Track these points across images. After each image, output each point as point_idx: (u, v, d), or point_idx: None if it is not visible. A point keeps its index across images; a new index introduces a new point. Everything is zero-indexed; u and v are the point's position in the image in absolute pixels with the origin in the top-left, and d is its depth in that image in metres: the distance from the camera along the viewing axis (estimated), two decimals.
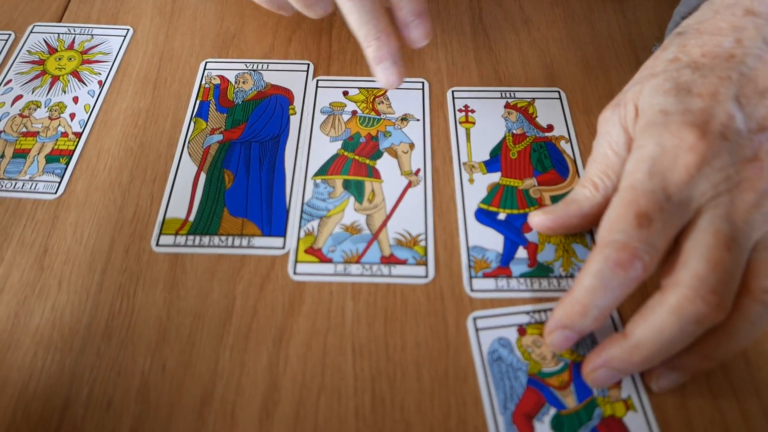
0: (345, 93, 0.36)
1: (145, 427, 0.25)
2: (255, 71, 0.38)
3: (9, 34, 0.40)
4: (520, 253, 0.30)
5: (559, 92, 0.36)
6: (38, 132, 0.35)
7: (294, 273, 0.29)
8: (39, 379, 0.26)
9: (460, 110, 0.36)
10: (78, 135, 0.35)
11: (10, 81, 0.37)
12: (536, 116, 0.35)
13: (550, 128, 0.35)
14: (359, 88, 0.36)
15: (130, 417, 0.25)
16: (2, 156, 0.34)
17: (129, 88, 0.37)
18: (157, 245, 0.30)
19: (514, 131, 0.35)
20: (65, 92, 0.37)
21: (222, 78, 0.37)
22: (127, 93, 0.37)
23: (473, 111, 0.35)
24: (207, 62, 0.38)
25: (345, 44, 0.39)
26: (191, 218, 0.31)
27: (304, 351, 0.27)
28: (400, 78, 0.32)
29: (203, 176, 0.33)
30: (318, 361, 0.27)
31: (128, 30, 0.40)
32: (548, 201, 0.32)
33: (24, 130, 0.35)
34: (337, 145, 0.34)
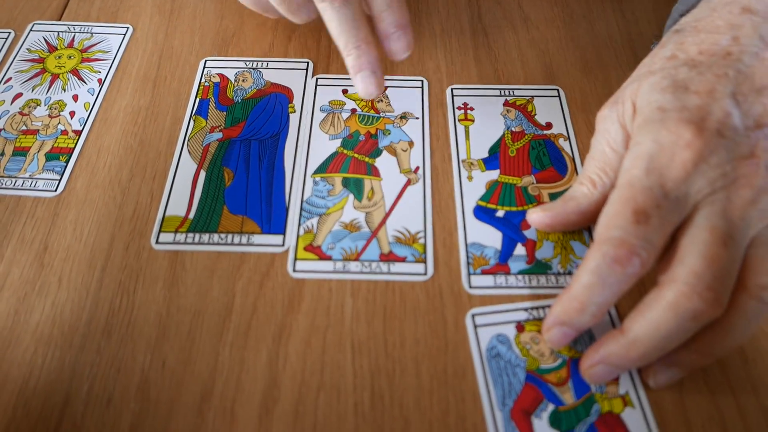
0: (344, 91, 0.36)
1: (145, 424, 0.25)
2: (254, 69, 0.38)
3: (9, 33, 0.40)
4: (519, 250, 0.30)
5: (558, 90, 0.36)
6: (38, 130, 0.35)
7: (293, 270, 0.29)
8: (39, 376, 0.26)
9: (460, 108, 0.36)
10: (78, 133, 0.35)
11: (10, 79, 0.37)
12: (535, 114, 0.35)
13: (549, 126, 0.35)
14: None
15: (130, 414, 0.25)
16: (2, 154, 0.34)
17: (129, 86, 0.37)
18: (157, 243, 0.30)
19: (513, 129, 0.35)
20: (65, 90, 0.37)
21: (222, 76, 0.37)
22: (127, 91, 0.37)
23: (472, 109, 0.36)
24: (206, 60, 0.38)
25: None
26: (191, 216, 0.31)
27: (304, 348, 0.27)
28: (379, 88, 0.32)
29: (203, 174, 0.33)
30: (317, 358, 0.27)
31: (128, 28, 0.40)
32: (547, 198, 0.32)
33: (24, 128, 0.35)
34: (337, 143, 0.34)
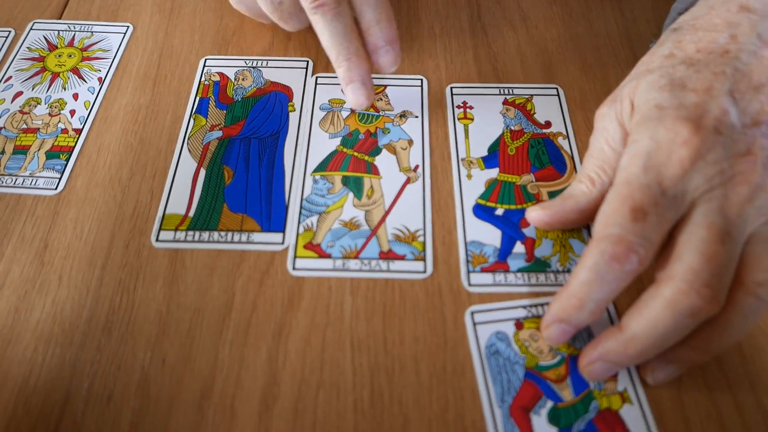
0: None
1: (145, 421, 0.25)
2: (254, 68, 0.38)
3: (9, 31, 0.40)
4: (518, 248, 0.30)
5: (557, 89, 0.36)
6: (38, 128, 0.35)
7: (293, 268, 0.29)
8: (39, 374, 0.26)
9: (459, 106, 0.36)
10: (78, 131, 0.35)
11: (11, 78, 0.37)
12: (534, 113, 0.35)
13: (548, 125, 0.35)
14: None
15: (130, 411, 0.26)
16: (2, 152, 0.34)
17: (129, 85, 0.37)
18: (157, 241, 0.30)
19: (512, 127, 0.35)
20: (65, 89, 0.37)
21: (221, 75, 0.37)
22: (127, 90, 0.37)
23: (471, 107, 0.36)
24: (206, 59, 0.38)
25: None
26: (191, 214, 0.31)
27: (303, 346, 0.27)
28: (369, 99, 0.33)
29: (203, 172, 0.33)
30: (317, 356, 0.27)
31: (128, 27, 0.40)
32: (546, 197, 0.32)
33: (24, 127, 0.35)
34: (336, 142, 0.34)
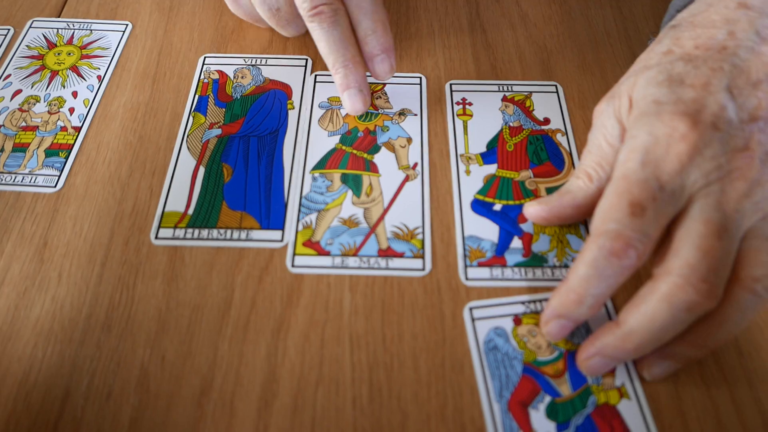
0: None
1: (145, 417, 0.25)
2: (253, 66, 0.38)
3: (8, 29, 0.40)
4: (515, 243, 0.30)
5: (556, 86, 0.36)
6: (37, 126, 0.35)
7: (292, 265, 0.29)
8: (39, 370, 0.27)
9: (458, 103, 0.36)
10: (77, 129, 0.35)
11: (10, 75, 0.37)
12: (533, 109, 0.35)
13: (547, 121, 0.35)
14: None
15: (130, 407, 0.26)
16: (2, 150, 0.34)
17: (128, 83, 0.37)
18: (157, 238, 0.30)
19: (511, 124, 0.35)
20: (64, 87, 0.37)
21: (221, 73, 0.37)
22: (126, 87, 0.37)
23: (471, 104, 0.36)
24: (206, 57, 0.38)
25: None
26: (190, 211, 0.31)
27: (302, 342, 0.27)
28: (366, 105, 0.34)
29: (202, 170, 0.33)
30: (316, 352, 0.27)
31: (127, 25, 0.40)
32: (544, 192, 0.32)
33: (23, 125, 0.35)
34: (335, 140, 0.34)
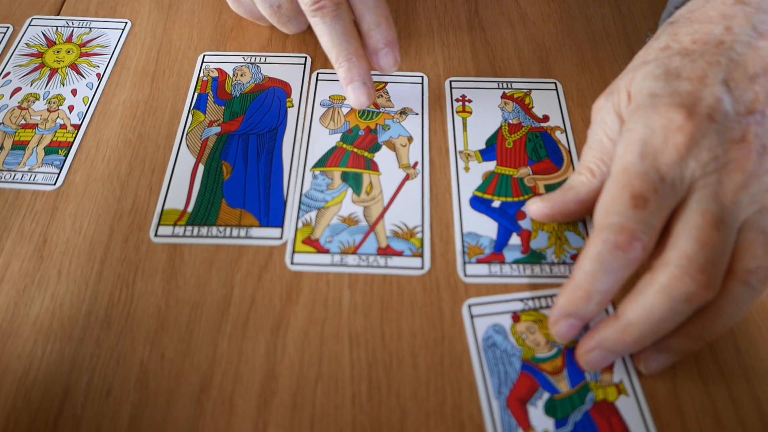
0: None
1: (145, 415, 0.25)
2: (253, 64, 0.38)
3: (7, 27, 0.40)
4: (514, 240, 0.30)
5: (556, 83, 0.36)
6: (37, 124, 0.35)
7: (291, 263, 0.29)
8: (39, 368, 0.27)
9: (458, 100, 0.36)
10: (77, 127, 0.35)
11: (9, 73, 0.37)
12: (532, 107, 0.35)
13: (546, 119, 0.35)
14: None
15: (130, 404, 0.26)
16: (1, 148, 0.34)
17: (127, 81, 0.37)
18: (156, 236, 0.30)
19: (510, 121, 0.35)
20: (64, 85, 0.37)
21: (220, 71, 0.37)
22: (126, 85, 0.37)
23: (470, 101, 0.36)
24: (205, 55, 0.38)
25: None
26: (189, 209, 0.31)
27: (302, 340, 0.27)
28: (370, 98, 0.33)
29: (201, 168, 0.33)
30: (315, 350, 0.27)
31: (126, 23, 0.40)
32: (542, 190, 0.32)
33: (23, 122, 0.35)
34: (336, 138, 0.34)
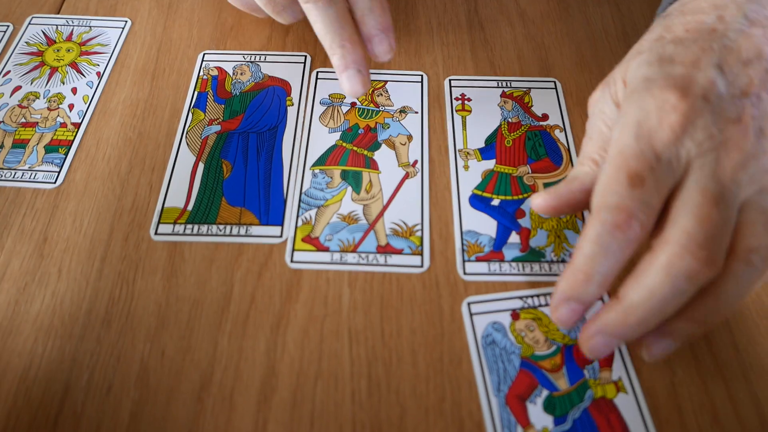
0: None
1: (145, 412, 0.25)
2: (252, 63, 0.38)
3: (7, 26, 0.40)
4: (513, 238, 0.30)
5: (555, 82, 0.37)
6: (37, 123, 0.35)
7: (291, 261, 0.30)
8: (39, 365, 0.27)
9: (457, 98, 0.36)
10: (77, 125, 0.35)
11: (9, 72, 0.37)
12: (531, 105, 0.36)
13: (545, 117, 0.35)
14: None
15: (130, 402, 0.26)
16: (1, 146, 0.34)
17: (127, 79, 0.37)
18: (156, 234, 0.30)
19: (510, 120, 0.35)
20: (64, 83, 0.37)
21: (220, 69, 0.37)
22: (126, 84, 0.37)
23: (470, 100, 0.36)
24: (205, 54, 0.38)
25: None
26: (189, 207, 0.31)
27: (302, 337, 0.27)
28: (365, 86, 0.32)
29: (201, 166, 0.33)
30: (315, 347, 0.27)
31: (126, 22, 0.40)
32: (541, 188, 0.32)
33: (23, 121, 0.35)
34: (336, 136, 0.34)
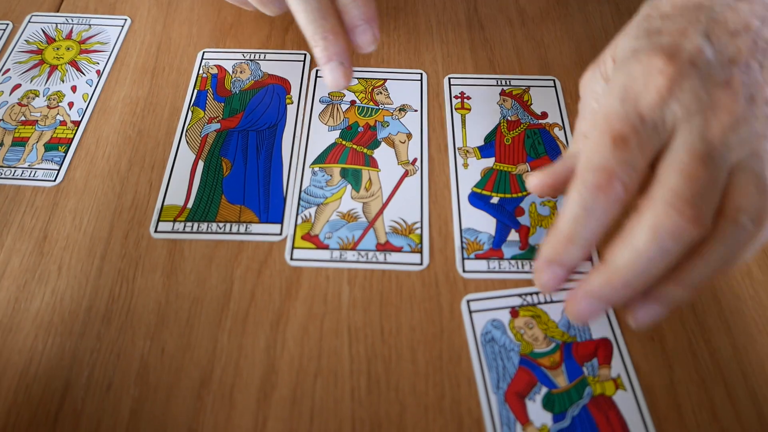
0: None
1: (145, 409, 0.26)
2: (252, 61, 0.38)
3: (7, 24, 0.40)
4: (512, 236, 0.30)
5: (554, 80, 0.37)
6: (37, 121, 0.35)
7: (291, 259, 0.30)
8: (40, 362, 0.27)
9: (456, 97, 0.36)
10: (76, 123, 0.35)
11: (9, 70, 0.37)
12: (531, 104, 0.36)
13: (545, 115, 0.35)
14: (358, 79, 0.37)
15: (130, 399, 0.26)
16: (1, 144, 0.34)
17: (127, 78, 0.37)
18: (156, 231, 0.31)
19: (509, 118, 0.35)
20: (63, 81, 0.37)
21: (219, 68, 0.37)
22: (126, 82, 0.37)
23: (469, 98, 0.36)
24: (204, 52, 0.38)
25: None
26: (189, 205, 0.31)
27: (301, 334, 0.27)
28: (347, 79, 0.31)
29: (201, 164, 0.33)
30: (315, 345, 0.27)
31: (126, 20, 0.40)
32: None
33: (23, 119, 0.35)
34: (336, 134, 0.34)
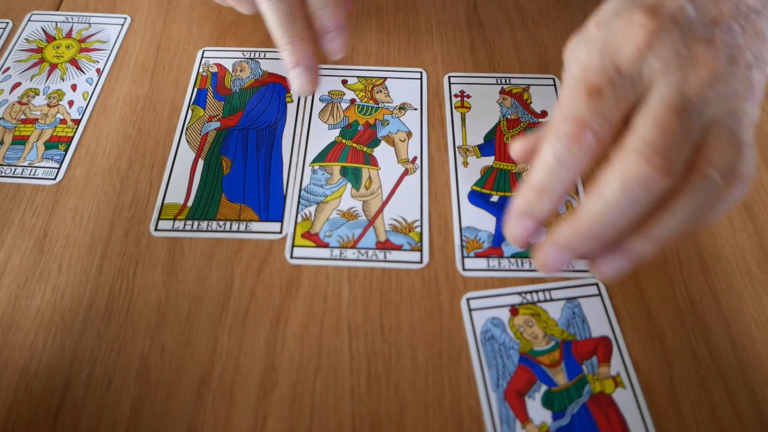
0: (344, 81, 0.37)
1: (145, 407, 0.26)
2: (252, 59, 0.38)
3: (7, 23, 0.40)
4: None
5: (554, 79, 0.37)
6: (37, 119, 0.35)
7: (291, 257, 0.30)
8: (40, 360, 0.27)
9: (456, 95, 0.36)
10: (77, 122, 0.35)
11: (9, 69, 0.37)
12: (531, 102, 0.36)
13: (544, 114, 0.35)
14: (358, 77, 0.37)
15: (130, 397, 0.26)
16: (1, 142, 0.34)
17: (127, 76, 0.37)
18: (156, 229, 0.31)
19: (509, 116, 0.35)
20: (63, 80, 0.37)
21: (219, 66, 0.37)
22: (126, 81, 0.37)
23: (469, 96, 0.36)
24: (204, 50, 0.38)
25: None
26: (189, 203, 0.32)
27: (301, 332, 0.27)
28: (314, 84, 0.31)
29: (201, 162, 0.33)
30: (315, 342, 0.27)
31: (126, 18, 0.40)
32: None
33: (23, 117, 0.35)
34: (336, 133, 0.34)
